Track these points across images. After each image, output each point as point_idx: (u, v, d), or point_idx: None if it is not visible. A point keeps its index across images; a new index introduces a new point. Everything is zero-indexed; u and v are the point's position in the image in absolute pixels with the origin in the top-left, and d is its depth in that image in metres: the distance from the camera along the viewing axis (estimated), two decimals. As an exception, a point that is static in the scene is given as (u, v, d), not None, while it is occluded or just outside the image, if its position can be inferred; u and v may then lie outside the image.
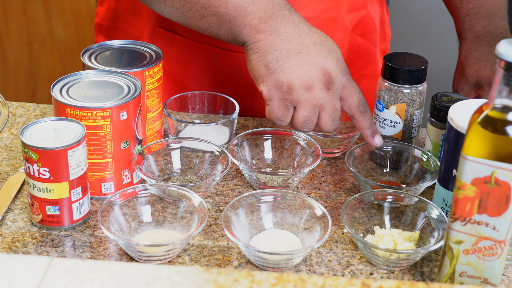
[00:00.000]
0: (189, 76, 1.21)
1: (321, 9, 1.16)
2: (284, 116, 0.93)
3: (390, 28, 1.33)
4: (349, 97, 0.95)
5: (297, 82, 0.91)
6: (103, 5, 1.28)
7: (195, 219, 0.89)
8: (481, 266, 0.78)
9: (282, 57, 0.92)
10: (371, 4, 1.23)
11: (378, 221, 0.93)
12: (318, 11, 1.16)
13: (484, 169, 0.73)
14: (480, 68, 1.08)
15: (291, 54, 0.92)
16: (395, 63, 1.01)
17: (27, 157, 0.86)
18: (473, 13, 1.14)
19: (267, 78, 0.92)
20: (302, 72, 0.91)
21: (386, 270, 0.87)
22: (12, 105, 1.17)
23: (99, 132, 0.91)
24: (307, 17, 1.16)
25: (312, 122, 0.94)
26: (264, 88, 0.93)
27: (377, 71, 1.28)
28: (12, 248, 0.88)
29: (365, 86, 1.27)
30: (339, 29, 1.19)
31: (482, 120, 0.72)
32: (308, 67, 0.92)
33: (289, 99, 0.92)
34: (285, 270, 0.86)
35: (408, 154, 1.02)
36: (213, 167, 1.00)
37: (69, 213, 0.89)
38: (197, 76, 1.21)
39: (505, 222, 0.75)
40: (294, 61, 0.92)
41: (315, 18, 1.16)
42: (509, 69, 0.70)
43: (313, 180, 1.03)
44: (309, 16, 1.16)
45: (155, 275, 0.65)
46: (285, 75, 0.92)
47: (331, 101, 0.93)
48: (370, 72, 1.27)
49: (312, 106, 0.92)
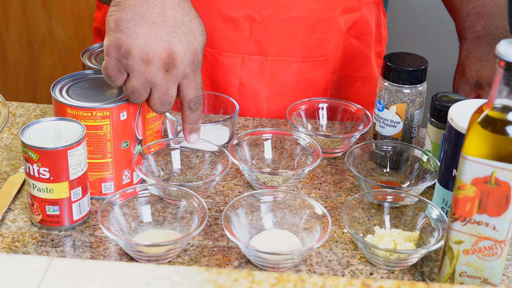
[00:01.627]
0: None
1: (314, 9, 1.16)
2: (114, 77, 0.88)
3: (387, 31, 1.33)
4: (185, 89, 0.90)
5: (137, 50, 0.86)
6: (101, 10, 1.28)
7: (195, 219, 0.89)
8: (481, 266, 0.78)
9: (134, 20, 0.87)
10: (367, 6, 1.23)
11: (378, 221, 0.93)
12: (311, 11, 1.16)
13: (484, 169, 0.73)
14: (481, 68, 1.08)
15: (145, 21, 0.87)
16: (395, 63, 1.01)
17: (27, 157, 0.86)
18: (474, 13, 1.14)
19: (112, 34, 0.87)
20: (146, 42, 0.87)
21: (386, 270, 0.87)
22: (12, 105, 1.17)
23: (99, 132, 0.91)
24: (300, 17, 1.17)
25: (141, 95, 0.89)
26: (106, 42, 0.88)
27: (372, 74, 1.27)
28: (12, 248, 0.88)
29: (359, 89, 1.27)
30: (334, 30, 1.19)
31: (482, 120, 0.72)
32: (156, 41, 0.87)
33: (124, 64, 0.88)
34: (285, 270, 0.86)
35: (408, 154, 1.02)
36: (213, 167, 1.00)
37: (69, 213, 0.89)
38: None
39: (505, 222, 0.75)
40: (144, 29, 0.87)
41: (308, 18, 1.16)
42: (509, 69, 0.70)
43: (313, 180, 1.03)
44: (302, 16, 1.16)
45: (155, 275, 0.65)
46: (128, 39, 0.87)
47: (165, 84, 0.88)
48: (364, 75, 1.27)
49: (144, 80, 0.88)
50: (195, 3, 1.16)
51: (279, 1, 1.14)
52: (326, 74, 1.22)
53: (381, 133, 1.05)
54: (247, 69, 1.19)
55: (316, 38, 1.18)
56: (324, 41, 1.19)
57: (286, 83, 1.20)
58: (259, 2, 1.14)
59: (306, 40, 1.18)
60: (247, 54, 1.18)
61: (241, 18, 1.15)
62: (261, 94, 1.20)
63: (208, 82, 1.21)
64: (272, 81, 1.20)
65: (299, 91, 1.21)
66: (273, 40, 1.17)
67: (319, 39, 1.19)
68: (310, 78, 1.21)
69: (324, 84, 1.22)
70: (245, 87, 1.20)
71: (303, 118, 1.12)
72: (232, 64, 1.18)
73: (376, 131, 1.06)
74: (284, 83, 1.20)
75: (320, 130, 1.13)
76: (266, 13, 1.15)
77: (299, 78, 1.20)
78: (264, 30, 1.16)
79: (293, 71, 1.20)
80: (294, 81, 1.20)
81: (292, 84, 1.20)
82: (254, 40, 1.17)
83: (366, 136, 1.13)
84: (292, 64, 1.19)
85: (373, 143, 1.04)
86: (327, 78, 1.22)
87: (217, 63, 1.19)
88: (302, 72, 1.20)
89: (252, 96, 1.20)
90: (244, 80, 1.19)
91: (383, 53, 1.32)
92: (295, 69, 1.19)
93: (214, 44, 1.18)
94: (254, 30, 1.16)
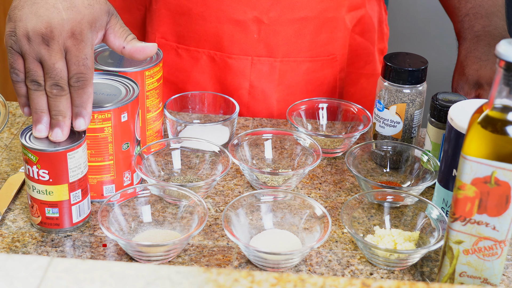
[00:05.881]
0: (191, 84, 1.22)
1: (321, 9, 1.16)
2: (14, 63, 0.85)
3: (388, 28, 1.34)
4: (68, 64, 0.86)
5: (20, 31, 0.84)
6: None
7: (195, 219, 0.89)
8: (481, 266, 0.78)
9: (19, 5, 0.86)
10: (370, 3, 1.24)
11: (378, 221, 0.93)
12: (318, 10, 1.16)
13: (484, 169, 0.73)
14: (481, 67, 1.08)
15: (27, 4, 0.85)
16: (395, 63, 1.01)
17: (26, 159, 0.86)
18: (472, 13, 1.14)
19: (6, 26, 0.87)
20: (27, 22, 0.84)
21: (386, 270, 0.87)
22: (12, 105, 1.17)
23: (100, 135, 0.91)
24: (307, 17, 1.17)
25: (38, 75, 0.85)
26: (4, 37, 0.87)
27: (375, 70, 1.28)
28: (12, 248, 0.88)
29: (363, 86, 1.27)
30: (340, 29, 1.20)
31: (482, 120, 0.72)
32: (35, 18, 0.84)
33: (15, 48, 0.86)
34: (285, 270, 0.86)
35: (408, 154, 1.02)
36: (213, 167, 1.00)
37: (69, 215, 0.89)
38: (199, 82, 1.21)
39: (505, 222, 0.75)
40: (26, 10, 0.85)
41: (315, 18, 1.17)
42: (509, 69, 0.70)
43: (313, 180, 1.03)
44: (309, 16, 1.16)
45: (155, 275, 0.65)
46: (13, 24, 0.86)
47: (49, 58, 0.84)
48: (368, 71, 1.27)
49: (32, 58, 0.85)
50: (202, 8, 1.16)
51: (286, 2, 1.14)
52: (334, 72, 1.22)
53: (381, 133, 1.05)
54: (256, 71, 1.19)
55: (323, 37, 1.19)
56: (331, 40, 1.20)
57: (295, 83, 1.21)
58: (266, 3, 1.14)
59: (314, 39, 1.18)
60: (256, 56, 1.18)
61: (248, 20, 1.15)
62: (271, 96, 1.20)
63: (218, 85, 1.21)
64: (281, 82, 1.20)
65: (308, 91, 1.21)
66: (281, 41, 1.17)
67: (327, 38, 1.19)
68: (319, 78, 1.21)
69: (333, 83, 1.23)
70: (255, 89, 1.20)
71: (303, 118, 1.12)
72: (242, 67, 1.18)
73: (376, 131, 1.06)
74: (293, 84, 1.21)
75: (320, 130, 1.13)
76: (273, 15, 1.15)
77: (308, 78, 1.21)
78: (272, 31, 1.16)
79: (302, 71, 1.20)
80: (304, 81, 1.21)
81: (301, 84, 1.21)
82: (263, 41, 1.17)
83: (366, 136, 1.13)
84: (301, 64, 1.19)
85: (373, 143, 1.04)
86: (335, 77, 1.22)
87: (226, 66, 1.19)
88: (311, 71, 1.20)
89: (263, 97, 1.21)
90: (254, 82, 1.19)
91: (385, 49, 1.32)
92: (304, 69, 1.20)
93: (222, 47, 1.18)
94: (262, 32, 1.16)
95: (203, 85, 1.21)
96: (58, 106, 0.85)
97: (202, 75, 1.21)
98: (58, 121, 0.86)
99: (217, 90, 1.21)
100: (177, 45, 1.20)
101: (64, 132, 0.86)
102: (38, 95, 0.85)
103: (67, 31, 0.85)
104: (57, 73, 0.84)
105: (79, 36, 0.85)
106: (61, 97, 0.85)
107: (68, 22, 0.85)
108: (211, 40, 1.18)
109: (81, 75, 0.85)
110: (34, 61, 0.85)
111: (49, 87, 0.85)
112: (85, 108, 0.87)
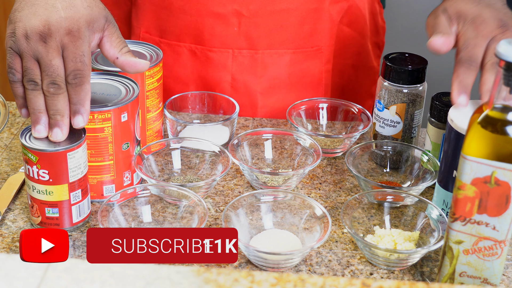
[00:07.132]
0: (173, 78, 1.21)
1: (302, 0, 1.16)
2: (12, 63, 0.86)
3: (385, 21, 1.32)
4: (65, 61, 0.86)
5: (19, 31, 0.85)
6: None
7: (195, 219, 0.89)
8: (481, 266, 0.78)
9: (19, 8, 0.87)
10: None
11: (378, 221, 0.93)
12: (299, 2, 1.16)
13: (484, 169, 0.73)
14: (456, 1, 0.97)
15: (27, 5, 0.87)
16: (395, 63, 1.01)
17: (26, 159, 0.86)
18: None
19: (7, 28, 0.88)
20: (27, 21, 0.85)
21: (386, 270, 0.87)
22: (12, 105, 1.17)
23: (100, 135, 0.91)
24: (288, 9, 1.16)
25: (35, 74, 0.85)
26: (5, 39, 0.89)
27: (369, 63, 1.27)
28: (12, 248, 0.88)
29: (351, 78, 1.26)
30: (325, 20, 1.19)
31: (482, 120, 0.72)
32: (34, 18, 0.85)
33: (14, 49, 0.86)
34: (285, 270, 0.86)
35: (408, 154, 1.02)
36: (213, 167, 1.00)
37: (69, 215, 0.89)
38: (181, 77, 1.21)
39: (505, 222, 0.75)
40: (26, 11, 0.86)
41: (296, 10, 1.16)
42: (509, 69, 0.70)
43: (313, 180, 1.03)
44: (290, 7, 1.16)
45: (155, 275, 0.65)
46: (15, 25, 0.86)
47: (46, 55, 0.85)
48: (358, 63, 1.26)
49: (29, 57, 0.85)
50: (182, 1, 1.16)
51: None
52: (319, 64, 1.22)
53: (381, 133, 1.05)
54: (237, 64, 1.19)
55: (306, 28, 1.18)
56: (315, 31, 1.19)
57: (278, 75, 1.20)
58: None
59: (297, 31, 1.18)
60: (237, 48, 1.18)
61: (228, 13, 1.15)
62: (254, 88, 1.20)
63: (200, 79, 1.21)
64: (264, 74, 1.20)
65: (292, 83, 1.21)
66: (262, 34, 1.17)
67: (310, 29, 1.19)
68: (303, 69, 1.21)
69: (318, 74, 1.22)
70: (238, 82, 1.20)
71: (303, 118, 1.12)
72: (223, 60, 1.18)
73: (376, 131, 1.06)
74: (276, 76, 1.20)
75: (320, 130, 1.13)
76: (253, 7, 1.15)
77: (291, 69, 1.20)
78: (252, 24, 1.16)
79: (285, 63, 1.20)
80: (286, 73, 1.20)
81: (284, 76, 1.21)
82: (243, 34, 1.17)
83: (366, 136, 1.13)
84: (283, 56, 1.19)
85: (373, 143, 1.04)
86: (320, 69, 1.22)
87: (207, 60, 1.19)
88: (294, 63, 1.20)
89: (245, 90, 1.20)
90: (235, 75, 1.19)
91: (382, 43, 1.31)
92: (286, 60, 1.19)
93: (203, 41, 1.18)
94: (242, 25, 1.16)
95: (184, 79, 1.21)
96: (55, 105, 0.85)
97: (183, 70, 1.20)
98: (57, 121, 0.86)
99: (199, 84, 1.21)
100: (160, 40, 1.20)
101: (63, 132, 0.86)
102: (35, 95, 0.85)
103: (64, 28, 0.85)
104: (54, 70, 0.84)
105: (76, 33, 0.86)
106: (58, 95, 0.85)
107: (66, 20, 0.85)
108: (192, 33, 1.18)
109: (78, 71, 0.85)
110: (31, 59, 0.85)
111: (46, 85, 0.85)
112: (83, 105, 0.86)
